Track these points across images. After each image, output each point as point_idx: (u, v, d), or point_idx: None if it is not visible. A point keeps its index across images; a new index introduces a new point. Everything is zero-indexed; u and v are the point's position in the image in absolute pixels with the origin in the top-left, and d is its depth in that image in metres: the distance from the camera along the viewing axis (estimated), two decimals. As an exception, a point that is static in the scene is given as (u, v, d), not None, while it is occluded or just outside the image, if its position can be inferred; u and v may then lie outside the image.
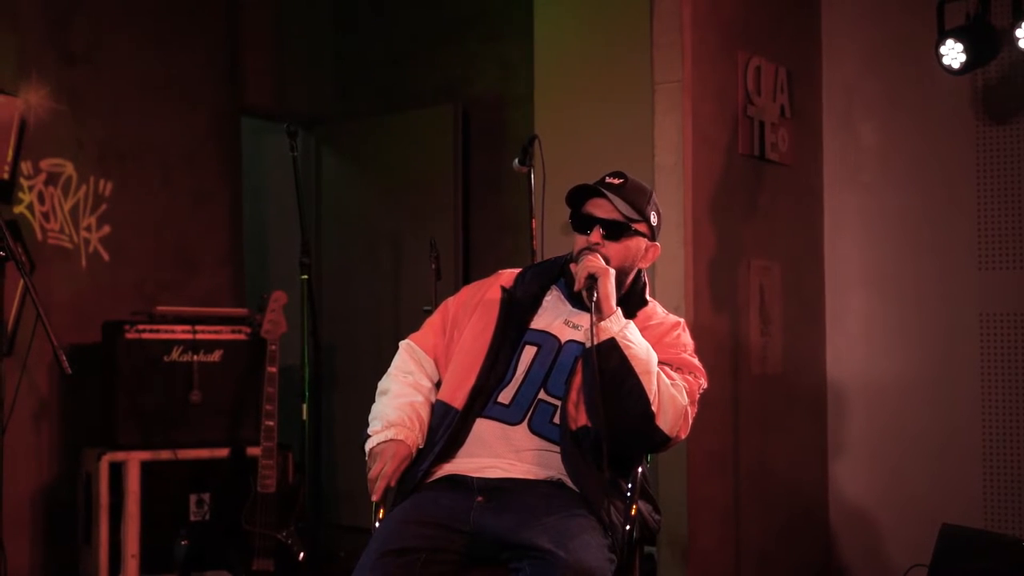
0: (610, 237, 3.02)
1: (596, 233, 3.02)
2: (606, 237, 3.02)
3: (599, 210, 3.04)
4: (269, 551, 4.85)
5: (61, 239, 5.51)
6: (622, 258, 3.03)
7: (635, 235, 3.06)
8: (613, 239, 3.02)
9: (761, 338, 4.99)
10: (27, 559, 5.28)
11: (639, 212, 3.05)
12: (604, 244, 3.01)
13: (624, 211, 3.02)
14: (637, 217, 3.05)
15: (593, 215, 3.04)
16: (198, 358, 5.22)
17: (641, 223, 3.06)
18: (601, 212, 3.03)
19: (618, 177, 3.09)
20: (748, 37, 4.99)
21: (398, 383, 3.13)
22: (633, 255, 3.07)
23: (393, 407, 3.05)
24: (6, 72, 5.29)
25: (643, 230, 3.08)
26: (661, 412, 2.85)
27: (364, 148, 6.77)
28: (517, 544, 2.72)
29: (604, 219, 3.03)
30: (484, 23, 6.36)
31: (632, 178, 3.11)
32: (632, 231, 3.05)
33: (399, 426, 2.99)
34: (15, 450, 4.70)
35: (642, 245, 3.09)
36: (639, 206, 3.05)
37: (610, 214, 3.02)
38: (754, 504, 4.92)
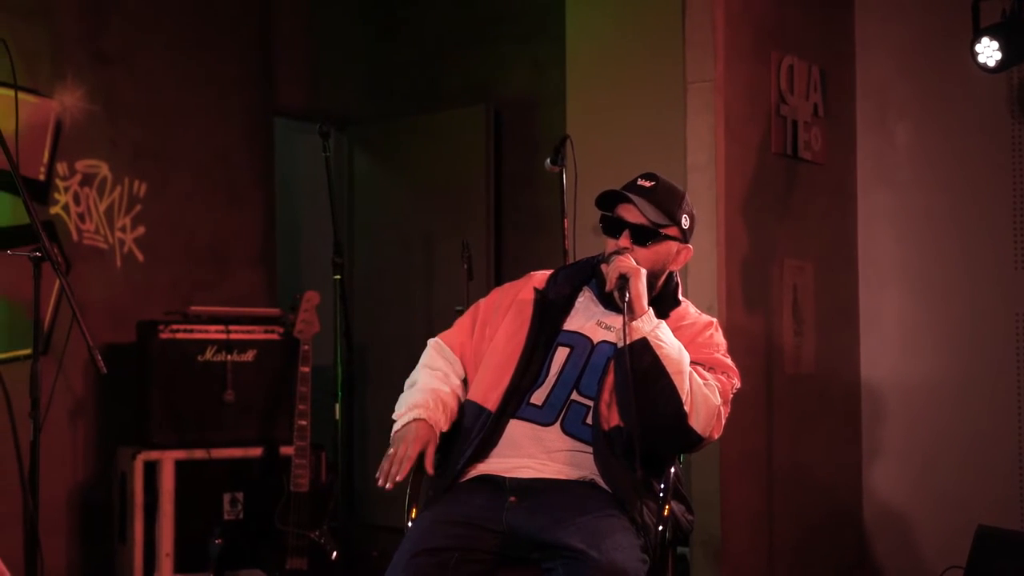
0: (639, 242, 3.01)
1: (625, 238, 3.01)
2: (635, 242, 3.01)
3: (628, 214, 3.02)
4: (302, 550, 4.87)
5: (96, 239, 5.55)
6: (651, 262, 3.02)
7: (665, 239, 3.04)
8: (642, 244, 3.01)
9: (794, 338, 4.97)
10: (63, 557, 5.32)
11: (669, 216, 3.03)
12: (633, 249, 3.00)
13: (653, 216, 3.00)
14: (666, 222, 3.03)
15: (622, 219, 3.03)
16: (232, 358, 5.25)
17: (671, 227, 3.04)
18: (630, 217, 3.02)
19: (649, 179, 3.07)
20: (781, 36, 4.97)
21: (425, 375, 3.13)
22: (663, 259, 3.06)
23: (416, 392, 3.05)
24: (42, 74, 5.34)
25: (673, 234, 3.06)
26: (694, 412, 2.84)
27: (396, 149, 6.78)
28: (550, 544, 2.73)
29: (633, 224, 3.01)
30: (516, 23, 6.36)
31: (664, 180, 3.09)
32: (661, 236, 3.03)
33: (422, 407, 2.99)
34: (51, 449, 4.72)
35: (672, 248, 3.07)
36: (670, 210, 3.03)
37: (639, 219, 3.01)
38: (787, 504, 4.90)
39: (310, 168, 6.62)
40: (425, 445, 2.93)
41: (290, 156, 6.93)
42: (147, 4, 5.78)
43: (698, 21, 4.65)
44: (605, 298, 3.06)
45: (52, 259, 3.44)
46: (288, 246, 6.82)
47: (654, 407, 2.82)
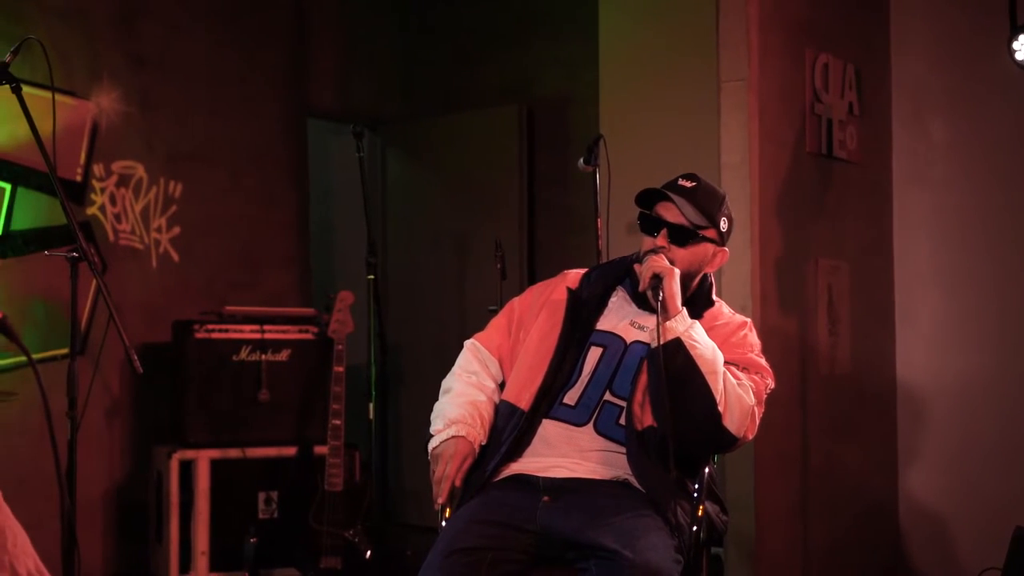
0: (676, 242, 3.00)
1: (663, 236, 3.00)
2: (672, 241, 3.00)
3: (668, 213, 3.01)
4: (336, 549, 4.89)
5: (132, 240, 5.59)
6: (688, 263, 3.01)
7: (702, 241, 3.03)
8: (679, 244, 3.00)
9: (829, 338, 4.94)
10: (100, 555, 5.37)
11: (709, 218, 3.02)
12: (670, 248, 2.99)
13: (692, 217, 2.99)
14: (706, 224, 3.02)
15: (661, 218, 3.02)
16: (266, 357, 5.27)
17: (710, 229, 3.03)
18: (669, 216, 3.01)
19: (691, 180, 3.06)
20: (815, 34, 4.94)
21: (461, 382, 3.13)
22: (700, 260, 3.05)
23: (454, 405, 3.05)
24: (78, 76, 5.38)
25: (711, 236, 3.04)
26: (728, 412, 2.83)
27: (429, 149, 6.80)
28: (583, 544, 2.72)
29: (672, 223, 3.00)
30: (549, 23, 6.36)
31: (705, 181, 3.08)
32: (699, 237, 3.02)
33: (460, 423, 3.00)
34: (88, 448, 4.77)
35: (709, 251, 3.06)
36: (709, 212, 3.02)
37: (678, 219, 3.00)
38: (822, 505, 4.88)
39: (343, 168, 6.64)
40: (464, 462, 2.95)
41: (323, 156, 6.96)
42: (181, 6, 5.82)
43: (731, 19, 4.63)
44: (639, 298, 3.05)
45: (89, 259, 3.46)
46: (322, 246, 6.84)
47: (688, 407, 2.81)
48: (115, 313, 3.34)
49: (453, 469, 2.93)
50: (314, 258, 6.53)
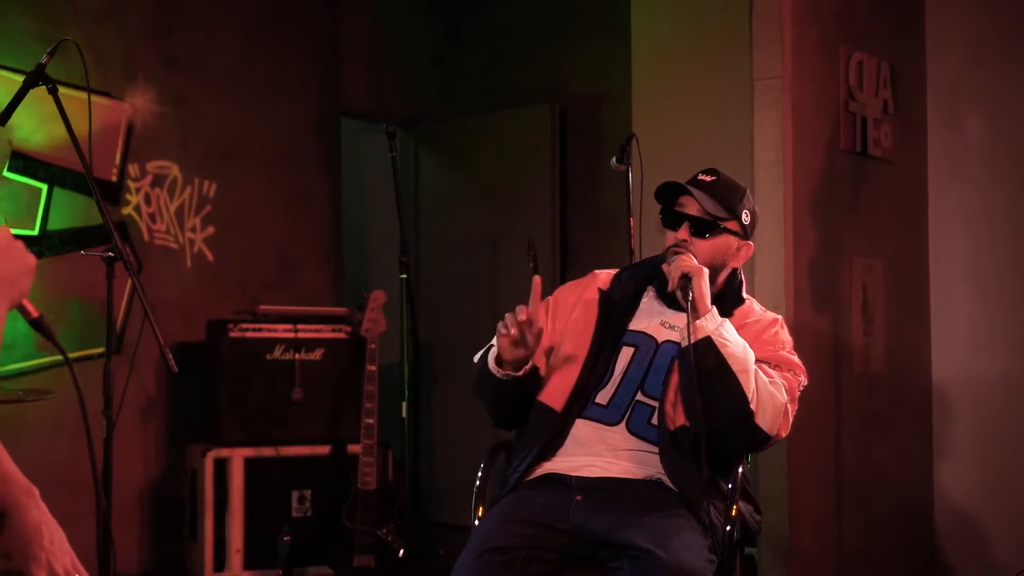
0: (698, 234, 3.00)
1: (684, 230, 3.01)
2: (694, 234, 3.00)
3: (688, 207, 3.02)
4: (369, 548, 4.91)
5: (167, 239, 5.62)
6: (710, 256, 3.01)
7: (724, 233, 3.03)
8: (700, 236, 3.00)
9: (863, 337, 4.91)
10: (135, 552, 5.40)
11: (729, 210, 3.02)
12: (692, 241, 3.00)
13: (712, 209, 2.99)
14: (726, 215, 3.02)
15: (682, 211, 3.02)
16: (300, 356, 5.29)
17: (731, 221, 3.03)
18: (690, 209, 3.02)
19: (710, 174, 3.07)
20: (850, 32, 4.91)
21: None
22: (723, 253, 3.05)
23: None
24: (113, 77, 5.42)
25: (733, 228, 3.04)
26: (760, 410, 2.83)
27: (461, 148, 6.81)
28: (616, 543, 2.72)
29: (692, 216, 3.01)
30: (581, 22, 6.35)
31: (725, 175, 3.08)
32: (721, 228, 3.02)
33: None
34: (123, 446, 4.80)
35: (732, 243, 3.06)
36: (730, 204, 3.03)
37: (698, 211, 3.01)
38: (856, 504, 4.85)
39: (376, 168, 6.65)
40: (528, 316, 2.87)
41: (356, 156, 6.98)
42: (216, 7, 5.85)
43: (765, 17, 4.61)
44: (668, 297, 3.05)
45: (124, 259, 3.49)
46: (354, 245, 6.86)
47: (719, 406, 2.80)
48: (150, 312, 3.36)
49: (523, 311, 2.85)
50: (347, 257, 6.55)
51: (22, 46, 5.05)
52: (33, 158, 5.13)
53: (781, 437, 2.91)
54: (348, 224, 6.60)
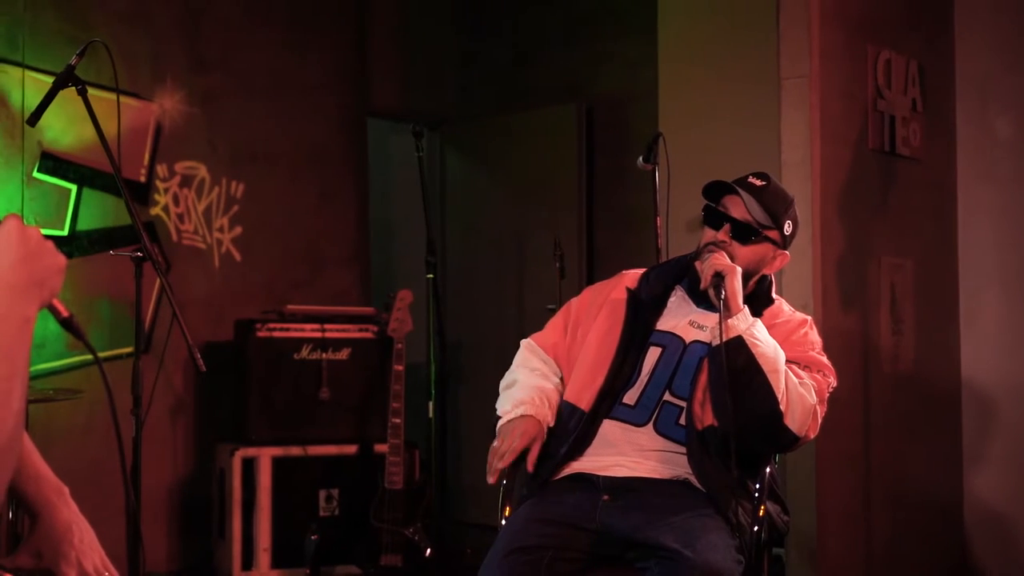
0: (738, 238, 2.99)
1: (725, 231, 2.99)
2: (734, 237, 2.99)
3: (734, 209, 3.01)
4: (397, 547, 4.91)
5: (195, 239, 5.65)
6: (747, 262, 2.99)
7: (764, 241, 3.02)
8: (741, 241, 2.99)
9: (892, 337, 4.89)
10: (164, 551, 5.43)
11: (774, 219, 3.01)
12: (731, 244, 2.98)
13: (758, 216, 2.98)
14: (770, 224, 3.01)
15: (727, 212, 3.01)
16: (327, 356, 5.30)
17: (773, 231, 3.02)
18: (735, 211, 3.00)
19: (761, 179, 3.04)
20: (877, 30, 4.89)
21: (524, 374, 3.13)
22: (759, 261, 3.04)
23: (522, 390, 3.06)
24: (142, 78, 5.45)
25: (774, 237, 3.03)
26: (789, 411, 2.82)
27: (488, 147, 6.81)
28: (643, 543, 2.72)
29: (736, 219, 2.99)
30: (607, 21, 6.34)
31: (775, 183, 3.07)
32: (762, 237, 3.01)
33: (528, 403, 3.00)
34: (153, 445, 4.83)
35: (769, 252, 3.05)
36: (775, 213, 3.01)
37: (743, 215, 2.99)
38: (885, 505, 4.83)
39: (403, 168, 6.67)
40: (531, 441, 2.94)
41: (383, 156, 6.99)
42: (243, 8, 5.87)
43: (792, 16, 4.59)
44: (698, 296, 3.04)
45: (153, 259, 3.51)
46: (381, 245, 6.87)
47: (749, 406, 2.80)
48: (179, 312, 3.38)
49: (520, 444, 2.91)
50: (374, 257, 6.56)
51: (52, 48, 5.09)
52: (63, 159, 5.16)
53: (810, 438, 2.91)
54: (375, 224, 6.62)
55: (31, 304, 1.62)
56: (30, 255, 1.63)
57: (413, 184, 5.26)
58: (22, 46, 5.05)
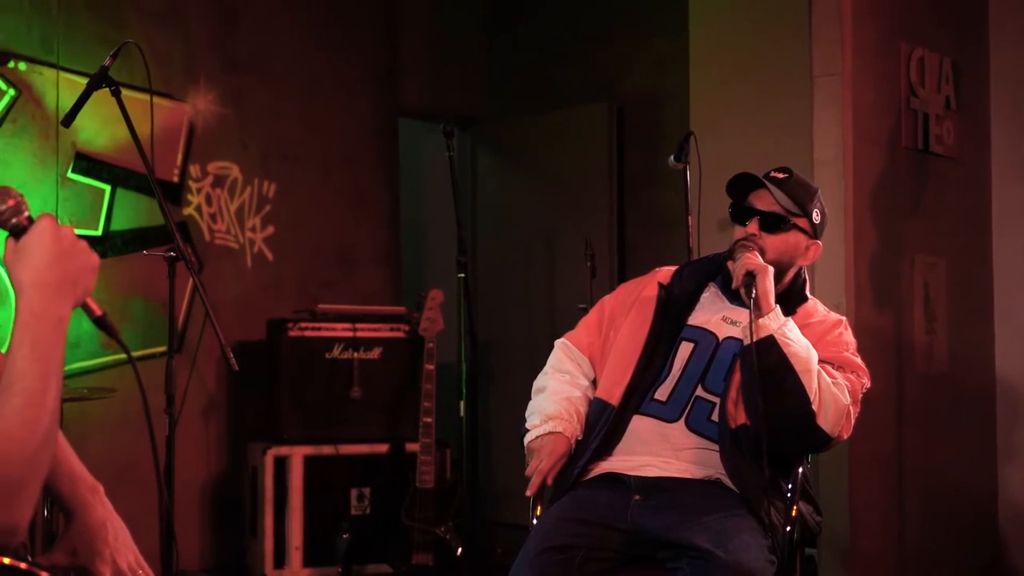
0: (767, 229, 2.99)
1: (754, 224, 2.99)
2: (763, 229, 2.99)
3: (759, 202, 3.01)
4: (428, 546, 4.92)
5: (227, 239, 5.68)
6: (779, 252, 2.99)
7: (794, 229, 3.01)
8: (770, 231, 2.99)
9: (926, 336, 4.86)
10: (196, 549, 5.46)
11: (800, 207, 3.00)
12: (761, 236, 2.98)
13: (784, 204, 2.98)
14: (797, 211, 3.00)
15: (752, 206, 3.01)
16: (358, 355, 5.32)
17: (801, 218, 3.02)
18: (761, 204, 3.00)
19: (783, 172, 3.05)
20: (911, 27, 4.86)
21: (555, 380, 3.13)
22: (791, 250, 3.03)
23: (551, 401, 3.06)
24: (175, 79, 5.48)
25: (803, 226, 3.03)
26: (822, 411, 2.80)
27: (519, 147, 6.81)
28: (675, 543, 2.71)
29: (763, 211, 2.99)
30: (638, 20, 6.33)
31: (798, 174, 3.07)
32: (791, 225, 3.00)
33: (557, 419, 3.00)
34: (186, 443, 4.86)
35: (801, 242, 3.04)
36: (801, 201, 3.01)
37: (770, 206, 2.99)
38: (919, 505, 4.80)
39: (434, 167, 6.68)
40: (559, 460, 2.95)
41: (414, 155, 7.00)
42: (275, 9, 5.90)
43: (825, 13, 4.57)
44: (731, 294, 3.03)
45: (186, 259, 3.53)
46: (412, 245, 6.88)
47: (781, 406, 2.78)
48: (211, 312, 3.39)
49: (548, 464, 2.93)
50: (405, 256, 6.57)
51: (86, 49, 5.13)
52: (97, 159, 5.20)
53: (843, 439, 2.89)
54: (406, 223, 6.63)
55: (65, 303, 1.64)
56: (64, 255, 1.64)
57: (444, 184, 5.26)
58: (56, 48, 5.09)
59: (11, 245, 1.66)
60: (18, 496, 1.52)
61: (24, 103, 4.99)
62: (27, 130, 4.99)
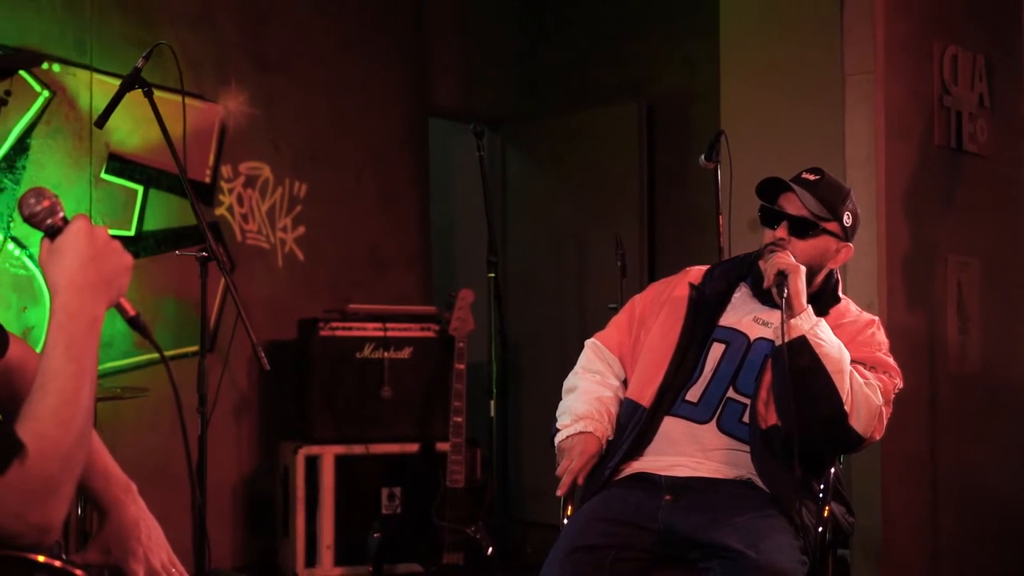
0: (796, 234, 2.97)
1: (782, 228, 2.97)
2: (792, 233, 2.97)
3: (789, 205, 2.99)
4: (459, 545, 4.92)
5: (259, 239, 5.70)
6: (808, 257, 2.97)
7: (823, 234, 2.99)
8: (799, 236, 2.97)
9: (959, 336, 4.82)
10: (228, 547, 5.48)
11: (831, 211, 2.98)
12: (790, 240, 2.96)
13: (813, 208, 2.96)
14: (827, 216, 2.98)
15: (782, 210, 2.99)
16: (389, 355, 5.33)
17: (832, 222, 2.99)
18: (790, 208, 2.98)
19: (814, 173, 3.02)
20: (943, 25, 4.82)
21: (586, 380, 3.13)
22: (821, 254, 3.01)
23: (581, 401, 3.05)
24: (207, 80, 5.51)
25: (834, 229, 3.00)
26: (854, 412, 2.79)
27: (549, 147, 6.80)
28: (707, 544, 2.70)
29: (792, 215, 2.97)
30: (668, 19, 6.32)
31: (829, 176, 3.04)
32: (820, 230, 2.98)
33: (588, 419, 3.00)
34: (217, 443, 4.88)
35: (831, 245, 3.02)
36: (832, 205, 2.98)
37: (799, 211, 2.97)
38: (952, 507, 4.76)
39: (463, 167, 6.68)
40: (590, 460, 2.95)
41: (444, 155, 7.01)
42: (305, 10, 5.91)
43: (856, 12, 4.55)
44: (763, 294, 3.02)
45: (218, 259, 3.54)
46: (442, 244, 6.89)
47: (813, 407, 2.77)
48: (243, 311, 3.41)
49: (578, 464, 2.93)
50: (435, 256, 6.58)
51: (119, 51, 5.16)
52: (129, 160, 5.23)
53: (875, 439, 2.87)
54: (436, 223, 6.64)
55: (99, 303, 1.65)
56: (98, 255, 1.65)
57: (474, 184, 5.26)
58: (90, 50, 5.13)
59: (46, 245, 1.67)
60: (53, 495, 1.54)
61: (58, 105, 5.03)
62: (61, 131, 5.03)
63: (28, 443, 1.51)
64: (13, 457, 1.49)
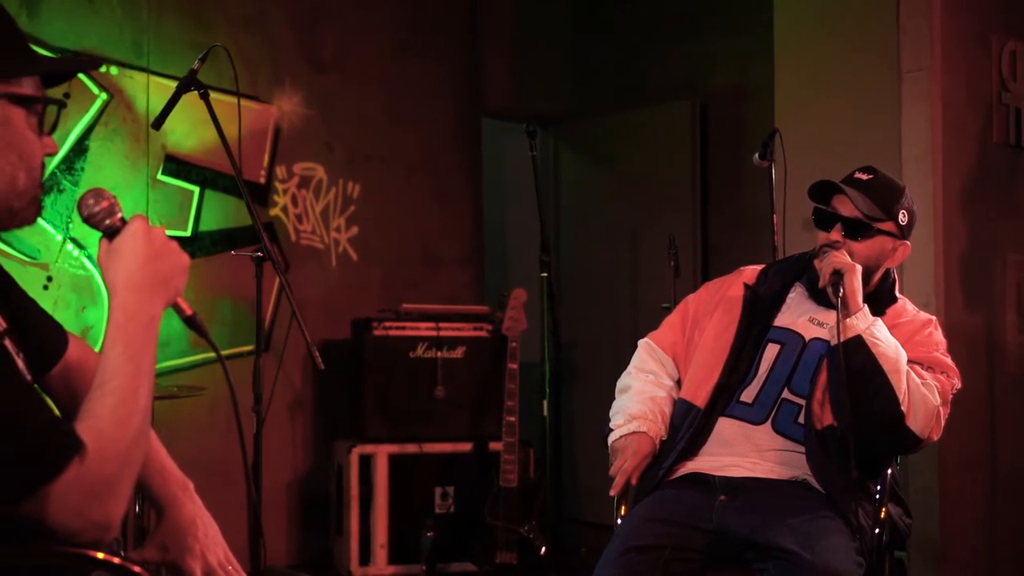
0: (851, 236, 2.94)
1: (836, 231, 2.95)
2: (847, 235, 2.94)
3: (843, 207, 2.96)
4: (512, 544, 4.93)
5: (313, 240, 5.73)
6: (865, 258, 2.94)
7: (879, 234, 2.96)
8: (854, 238, 2.94)
9: (1019, 336, 4.76)
10: (283, 545, 5.52)
11: (885, 211, 2.95)
12: (844, 242, 2.93)
13: (867, 210, 2.92)
14: (882, 216, 2.95)
15: (836, 212, 2.96)
16: (442, 355, 5.34)
17: (886, 222, 2.96)
18: (844, 210, 2.95)
19: (867, 173, 2.99)
20: (1002, 20, 4.76)
21: (639, 380, 3.12)
22: (877, 255, 2.98)
23: (635, 401, 3.05)
24: (261, 81, 5.55)
25: (889, 229, 2.97)
26: (911, 412, 2.76)
27: (601, 146, 6.79)
28: (761, 544, 2.69)
29: (846, 217, 2.94)
30: (722, 17, 6.28)
31: (883, 174, 3.01)
32: (875, 231, 2.95)
33: (641, 418, 2.99)
34: (272, 441, 4.91)
35: (887, 245, 2.99)
36: (886, 204, 2.95)
37: (852, 212, 2.94)
38: (1012, 509, 4.70)
39: (516, 167, 6.68)
40: (643, 460, 2.94)
41: (497, 155, 7.01)
42: (359, 11, 5.94)
43: (913, 7, 4.50)
44: (818, 294, 2.99)
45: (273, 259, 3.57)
46: (495, 244, 6.90)
47: (869, 407, 2.75)
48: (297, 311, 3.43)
49: (632, 464, 2.92)
50: (488, 256, 6.59)
51: (175, 53, 5.21)
52: (185, 161, 5.28)
53: (933, 440, 2.84)
54: (489, 223, 6.64)
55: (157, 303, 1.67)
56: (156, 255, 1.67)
57: (527, 183, 5.27)
58: (147, 52, 5.18)
59: (104, 246, 1.69)
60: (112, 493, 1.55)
61: (116, 107, 5.09)
62: (119, 133, 5.09)
63: (88, 442, 1.53)
64: (73, 455, 1.51)
